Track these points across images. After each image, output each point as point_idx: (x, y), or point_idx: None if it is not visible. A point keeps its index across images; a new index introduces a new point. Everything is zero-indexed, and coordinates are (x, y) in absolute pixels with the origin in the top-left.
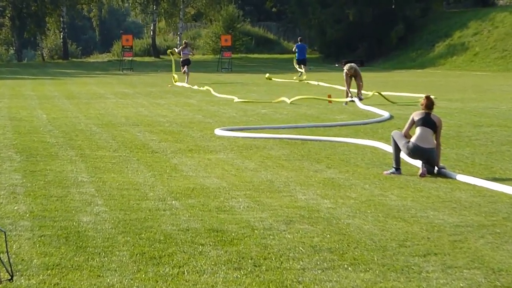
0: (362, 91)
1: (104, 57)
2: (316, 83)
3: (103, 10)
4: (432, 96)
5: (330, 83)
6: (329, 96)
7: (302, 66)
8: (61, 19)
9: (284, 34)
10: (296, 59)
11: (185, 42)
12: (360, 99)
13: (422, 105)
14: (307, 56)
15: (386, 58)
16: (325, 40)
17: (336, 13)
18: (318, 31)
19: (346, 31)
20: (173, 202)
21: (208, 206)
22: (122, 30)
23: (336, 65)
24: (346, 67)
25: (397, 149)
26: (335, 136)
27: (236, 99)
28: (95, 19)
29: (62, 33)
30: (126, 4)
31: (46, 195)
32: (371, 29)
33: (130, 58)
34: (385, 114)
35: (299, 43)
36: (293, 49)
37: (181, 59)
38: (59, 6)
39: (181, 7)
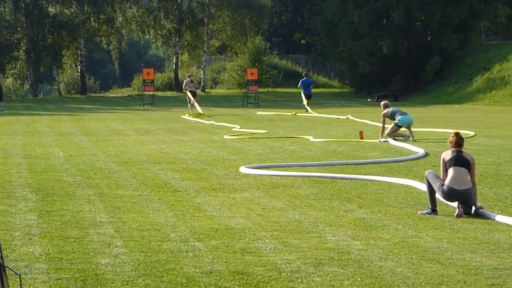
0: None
1: (124, 92)
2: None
3: (123, 42)
4: (471, 132)
5: (361, 118)
6: (361, 133)
7: (306, 100)
8: (79, 52)
9: (314, 67)
10: (304, 94)
11: (189, 76)
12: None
13: (451, 142)
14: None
15: (421, 93)
16: (357, 73)
17: (369, 45)
18: (350, 64)
19: (379, 64)
20: (196, 243)
21: (233, 248)
22: (142, 63)
23: (369, 99)
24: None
25: (431, 190)
26: (367, 174)
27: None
28: (115, 52)
29: (79, 67)
30: (147, 36)
31: (63, 236)
32: (406, 62)
33: (151, 93)
34: (420, 151)
35: (304, 78)
36: (298, 85)
37: (188, 92)
38: (76, 38)
39: (205, 39)
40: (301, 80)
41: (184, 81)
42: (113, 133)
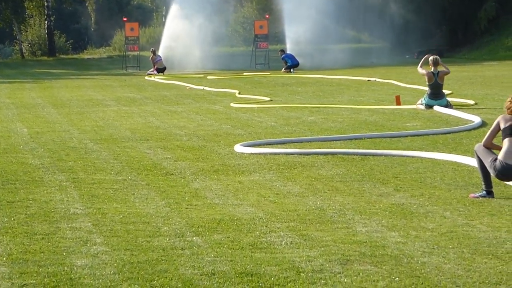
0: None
1: (102, 53)
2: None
3: None
4: None
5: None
6: (398, 98)
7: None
8: (45, 3)
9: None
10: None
11: (153, 50)
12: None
13: (508, 108)
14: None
15: (472, 47)
16: (391, 24)
17: None
18: (380, 12)
19: (419, 13)
20: (194, 238)
21: (240, 243)
22: (125, 17)
23: (407, 56)
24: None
25: (484, 168)
26: (405, 150)
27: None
28: (90, 3)
29: (46, 22)
30: None
31: (29, 233)
32: (453, 9)
33: (136, 53)
34: (476, 119)
35: (286, 53)
36: (285, 63)
37: (157, 67)
38: None
39: None
40: (283, 56)
41: (150, 58)
42: (90, 104)
